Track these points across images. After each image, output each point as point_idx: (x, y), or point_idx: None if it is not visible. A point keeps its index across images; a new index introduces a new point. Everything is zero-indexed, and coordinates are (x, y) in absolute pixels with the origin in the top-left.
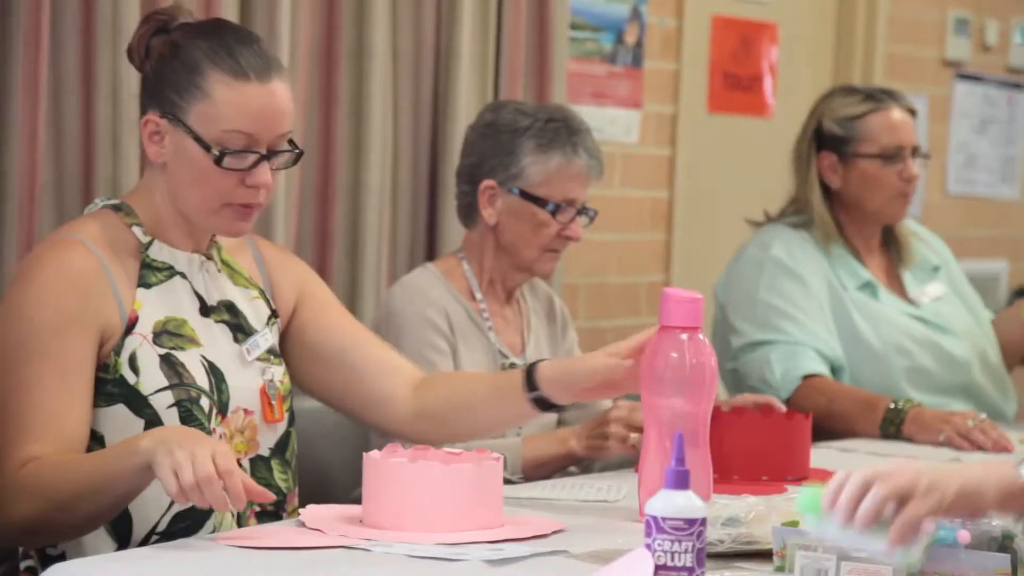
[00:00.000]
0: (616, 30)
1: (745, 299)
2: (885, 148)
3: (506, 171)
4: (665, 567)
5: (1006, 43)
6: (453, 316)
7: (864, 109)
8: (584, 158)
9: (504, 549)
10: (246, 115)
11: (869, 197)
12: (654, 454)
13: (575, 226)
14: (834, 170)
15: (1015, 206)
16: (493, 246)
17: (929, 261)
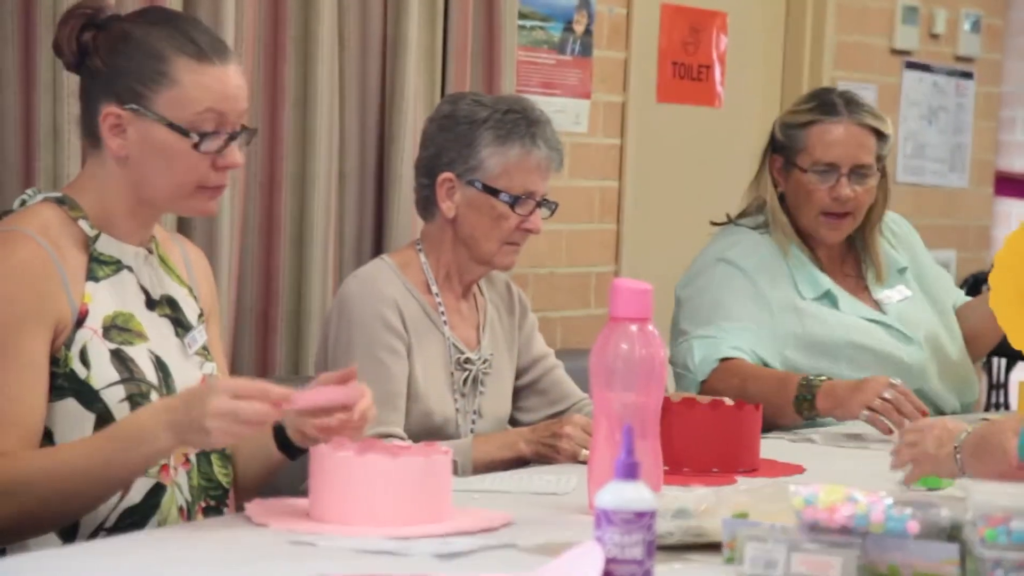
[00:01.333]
0: (565, 19)
1: (694, 296)
2: (817, 163)
3: (464, 163)
4: (615, 559)
5: (954, 32)
6: (407, 311)
7: (808, 119)
8: (543, 150)
9: (452, 543)
10: (215, 96)
11: (802, 211)
12: (604, 446)
13: (535, 218)
14: (780, 174)
15: (964, 195)
16: (452, 239)
17: (896, 262)
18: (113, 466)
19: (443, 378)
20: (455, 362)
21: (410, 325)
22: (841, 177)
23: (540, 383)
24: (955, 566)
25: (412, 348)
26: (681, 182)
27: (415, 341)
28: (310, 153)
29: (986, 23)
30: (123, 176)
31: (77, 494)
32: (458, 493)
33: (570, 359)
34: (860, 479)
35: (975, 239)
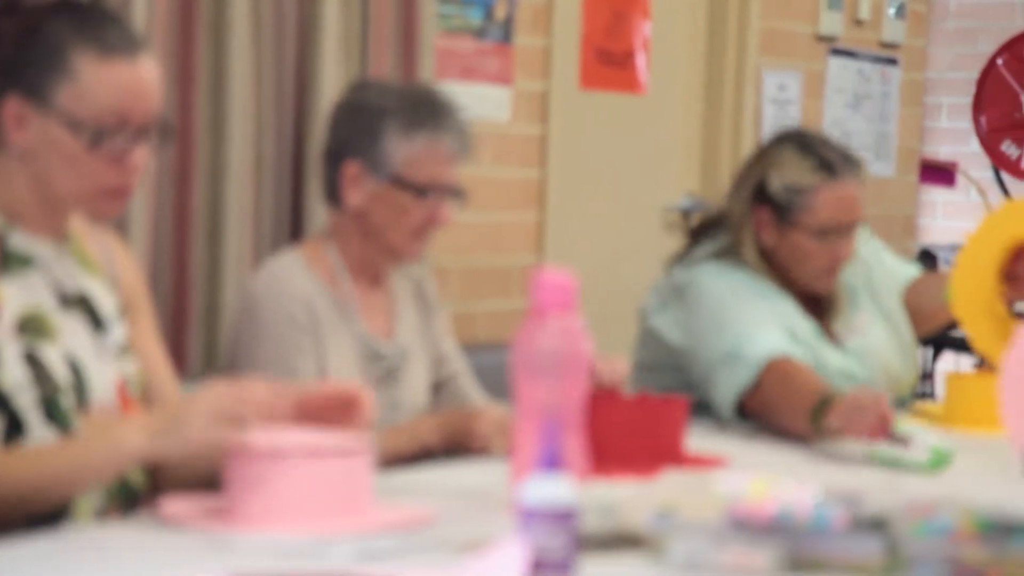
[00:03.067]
0: (485, 5)
1: (703, 302)
2: (825, 225)
3: (370, 153)
4: (538, 555)
5: (879, 18)
6: (316, 306)
7: (815, 181)
8: (450, 139)
9: (374, 540)
10: (117, 95)
11: (798, 269)
12: (527, 440)
13: (443, 209)
14: (769, 230)
15: (890, 183)
16: (359, 230)
17: (852, 287)
18: (76, 466)
19: (356, 372)
20: (368, 355)
21: (320, 320)
22: (843, 237)
23: (447, 386)
24: (881, 558)
25: (323, 344)
26: (605, 170)
27: (326, 336)
28: (224, 141)
29: (911, 9)
30: (27, 171)
31: (41, 496)
32: (379, 490)
33: (493, 352)
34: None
35: (901, 228)
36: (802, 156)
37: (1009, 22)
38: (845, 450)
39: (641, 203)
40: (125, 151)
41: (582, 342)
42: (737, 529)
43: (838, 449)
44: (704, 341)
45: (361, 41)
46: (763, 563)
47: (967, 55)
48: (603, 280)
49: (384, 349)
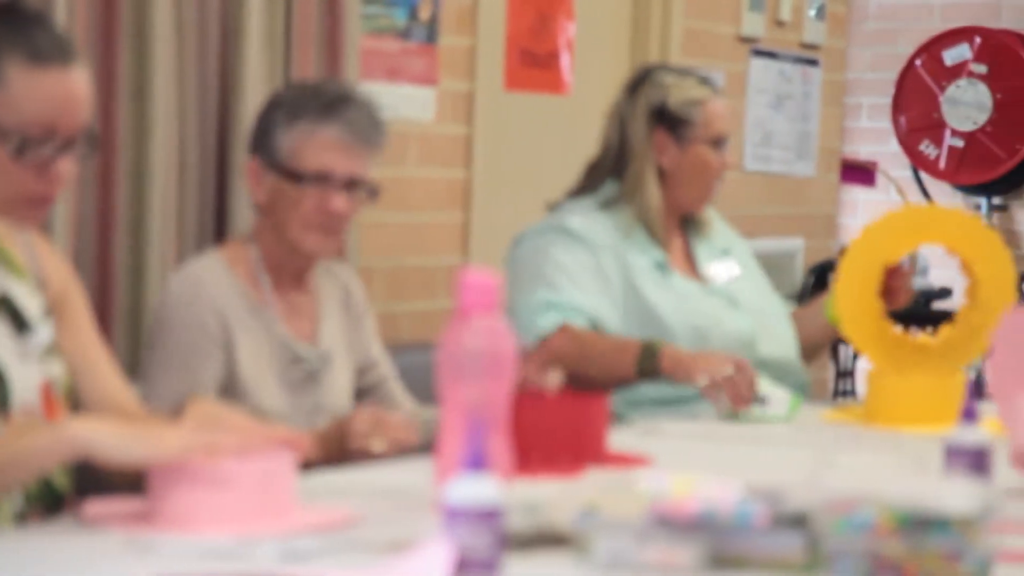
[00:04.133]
0: (410, 5)
1: (534, 256)
2: (717, 135)
3: (263, 147)
4: (463, 555)
5: (800, 19)
6: (231, 310)
7: (704, 94)
8: (338, 127)
9: (297, 541)
10: (47, 105)
11: (697, 181)
12: (452, 440)
13: (334, 199)
14: (667, 151)
15: (811, 183)
16: (270, 228)
17: (721, 243)
18: (18, 450)
19: (273, 375)
20: (288, 358)
21: (234, 324)
22: (726, 146)
23: (375, 391)
24: (803, 554)
25: (235, 348)
26: (530, 171)
27: (240, 340)
28: (147, 144)
29: (831, 10)
30: None
31: None
32: (303, 491)
33: (418, 352)
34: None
35: (822, 227)
36: (682, 76)
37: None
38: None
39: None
40: (50, 160)
41: (507, 342)
42: (660, 527)
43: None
44: (511, 293)
45: (285, 43)
46: (686, 561)
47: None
48: None
49: (305, 352)
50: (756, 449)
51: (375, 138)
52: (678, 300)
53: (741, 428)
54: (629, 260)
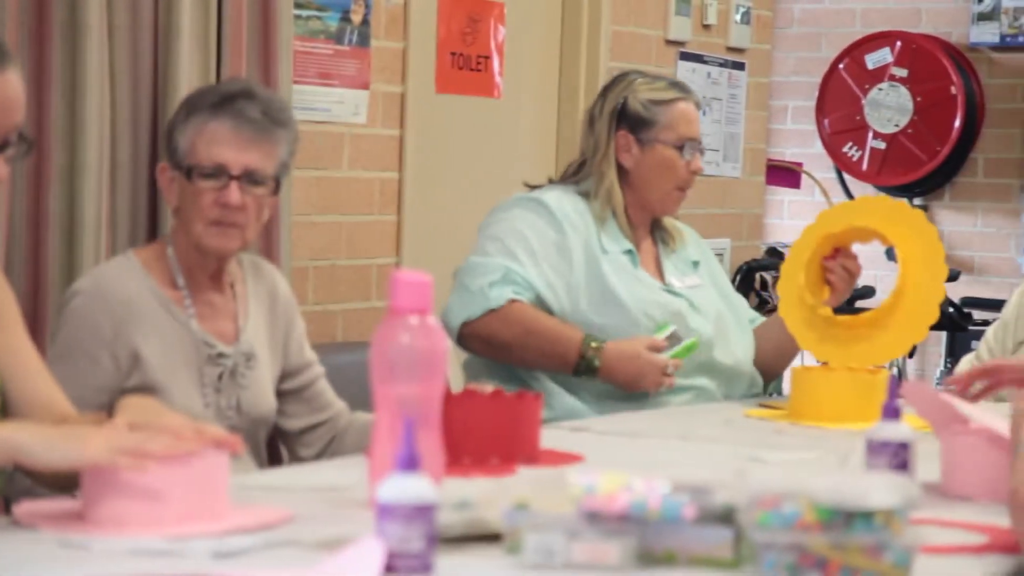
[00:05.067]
0: (342, 9)
1: (500, 223)
2: (682, 138)
3: (169, 147)
4: (396, 553)
5: (726, 23)
6: (141, 311)
7: (671, 96)
8: (228, 119)
9: (230, 541)
10: None
11: (657, 183)
12: (385, 439)
13: (229, 192)
14: (629, 150)
15: (738, 184)
16: (181, 229)
17: (690, 256)
18: None
19: (189, 374)
20: (205, 357)
21: (141, 326)
22: (696, 151)
23: (305, 391)
24: (729, 549)
25: (141, 350)
26: (461, 173)
27: (150, 341)
28: (79, 144)
29: (756, 15)
30: None
31: None
32: (236, 490)
33: (351, 352)
34: (638, 467)
35: (748, 228)
36: (652, 80)
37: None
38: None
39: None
40: None
41: (439, 341)
42: (590, 523)
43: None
44: (471, 257)
45: (217, 45)
46: (615, 557)
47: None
48: None
49: (223, 350)
50: (684, 446)
51: (272, 131)
52: (644, 290)
53: (669, 426)
54: (600, 244)
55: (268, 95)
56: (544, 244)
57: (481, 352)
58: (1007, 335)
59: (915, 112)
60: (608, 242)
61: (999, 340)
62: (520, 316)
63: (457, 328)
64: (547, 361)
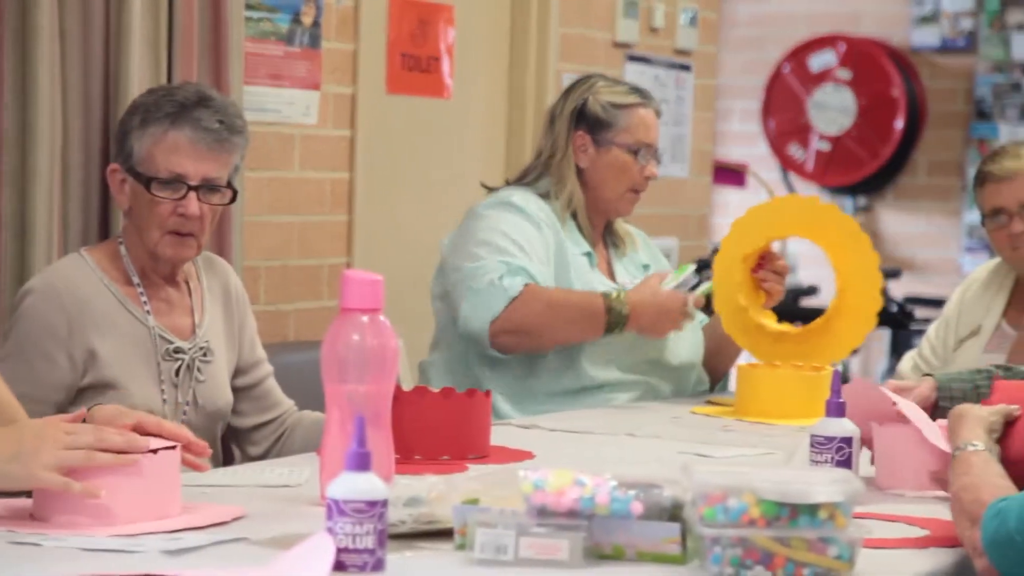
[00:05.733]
0: (293, 10)
1: (484, 229)
2: (638, 143)
3: (122, 153)
4: (346, 549)
5: (672, 26)
6: (96, 308)
7: (631, 101)
8: (188, 130)
9: (182, 538)
10: None
11: (611, 185)
12: (336, 437)
13: (187, 203)
14: (585, 150)
15: (685, 184)
16: (134, 231)
17: (641, 259)
18: None
19: (147, 369)
20: (162, 352)
21: (97, 323)
22: (651, 158)
23: (255, 389)
24: (676, 544)
25: (97, 347)
26: (412, 173)
27: (106, 338)
28: (31, 147)
29: (702, 17)
30: None
31: None
32: (188, 488)
33: (303, 351)
34: (587, 464)
35: (695, 227)
36: (613, 83)
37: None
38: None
39: (447, 204)
40: None
41: (390, 340)
42: (539, 519)
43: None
44: (464, 264)
45: (168, 47)
46: (564, 552)
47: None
48: (411, 279)
49: (180, 345)
50: (632, 442)
51: (229, 140)
52: (602, 285)
53: (618, 423)
54: (564, 242)
55: (223, 101)
56: (529, 239)
57: (514, 347)
58: (948, 332)
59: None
60: (569, 242)
61: (941, 337)
62: (540, 296)
63: (486, 329)
64: (579, 329)
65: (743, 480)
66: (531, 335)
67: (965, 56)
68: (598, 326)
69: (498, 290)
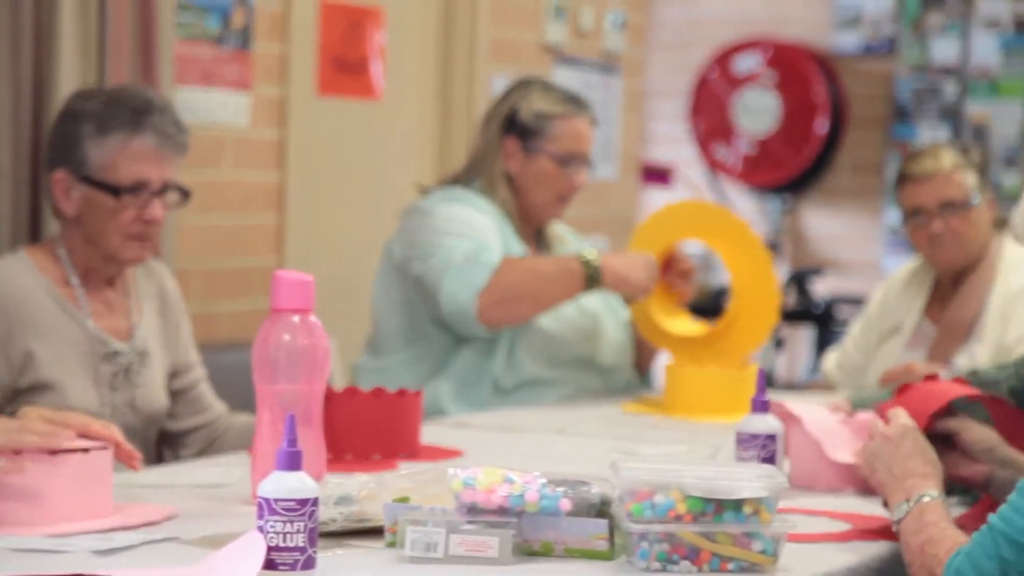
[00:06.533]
0: (223, 12)
1: (432, 225)
2: (567, 153)
3: (72, 160)
4: (277, 548)
5: (600, 28)
6: (34, 308)
7: (561, 110)
8: (150, 136)
9: (113, 538)
10: None
11: (539, 192)
12: (267, 436)
13: (152, 208)
14: (514, 157)
15: (613, 186)
16: (81, 236)
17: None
18: None
19: (85, 372)
20: (101, 355)
21: (34, 324)
22: (581, 167)
23: (189, 393)
24: (604, 540)
25: (34, 348)
26: (344, 174)
27: (43, 339)
28: None
29: (630, 21)
30: None
31: None
32: (120, 488)
33: (235, 352)
34: (517, 461)
35: (624, 228)
36: (548, 91)
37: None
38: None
39: (378, 205)
40: None
41: (321, 340)
42: (469, 517)
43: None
44: (434, 251)
45: (99, 49)
46: (494, 549)
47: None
48: (342, 280)
49: (118, 348)
50: (562, 440)
51: (183, 143)
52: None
53: (548, 421)
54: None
55: (168, 104)
56: (485, 225)
57: (503, 318)
58: (871, 330)
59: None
60: (507, 239)
61: (863, 334)
62: (519, 263)
63: (475, 303)
64: (561, 287)
65: (670, 477)
66: (519, 301)
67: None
68: (577, 280)
69: (478, 264)
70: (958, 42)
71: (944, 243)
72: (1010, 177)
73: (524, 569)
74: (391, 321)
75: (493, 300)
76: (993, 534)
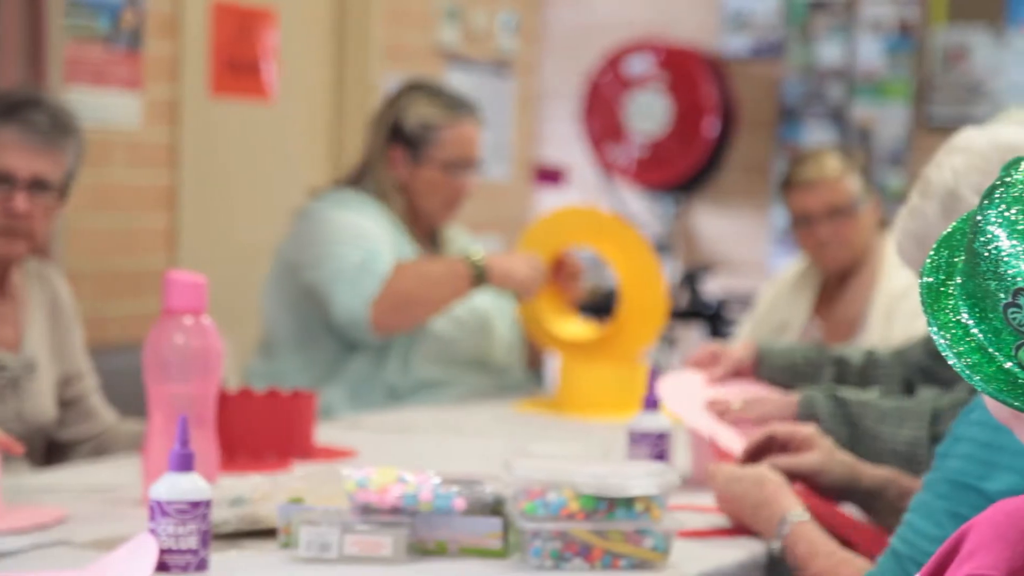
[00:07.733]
0: (113, 12)
1: (323, 233)
2: (454, 160)
3: None
4: (169, 550)
5: (492, 30)
6: None
7: (446, 119)
8: (17, 128)
9: (2, 542)
10: None
11: (428, 199)
12: (160, 438)
13: (16, 201)
14: (402, 165)
15: (506, 188)
16: None
17: (465, 249)
18: None
19: None
20: None
21: None
22: (468, 172)
23: (79, 403)
24: (498, 539)
25: None
26: (236, 175)
27: None
28: None
29: (523, 23)
30: None
31: None
32: (9, 491)
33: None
34: (411, 461)
35: (517, 229)
36: (432, 98)
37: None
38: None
39: (272, 205)
40: None
41: (213, 341)
42: (363, 516)
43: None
44: (325, 261)
45: None
46: (388, 548)
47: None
48: (235, 281)
49: (6, 360)
50: (455, 440)
51: (60, 139)
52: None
53: (441, 421)
54: (398, 240)
55: (55, 103)
56: (374, 232)
57: (396, 324)
58: (760, 328)
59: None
60: (401, 245)
61: (753, 332)
62: (409, 268)
63: (367, 312)
64: (450, 289)
65: (562, 475)
66: (411, 307)
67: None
68: (465, 280)
69: (369, 274)
70: (844, 45)
71: (831, 247)
72: (895, 177)
73: (419, 568)
74: (282, 325)
75: (385, 309)
76: (899, 560)
